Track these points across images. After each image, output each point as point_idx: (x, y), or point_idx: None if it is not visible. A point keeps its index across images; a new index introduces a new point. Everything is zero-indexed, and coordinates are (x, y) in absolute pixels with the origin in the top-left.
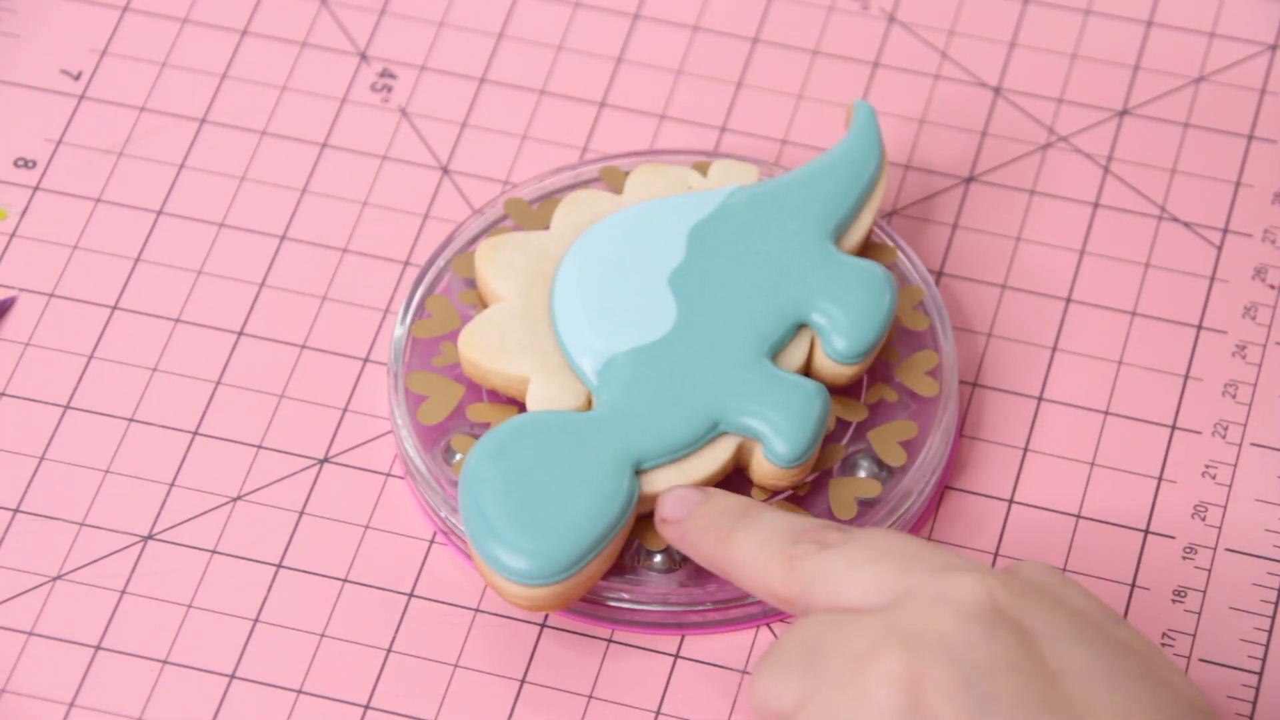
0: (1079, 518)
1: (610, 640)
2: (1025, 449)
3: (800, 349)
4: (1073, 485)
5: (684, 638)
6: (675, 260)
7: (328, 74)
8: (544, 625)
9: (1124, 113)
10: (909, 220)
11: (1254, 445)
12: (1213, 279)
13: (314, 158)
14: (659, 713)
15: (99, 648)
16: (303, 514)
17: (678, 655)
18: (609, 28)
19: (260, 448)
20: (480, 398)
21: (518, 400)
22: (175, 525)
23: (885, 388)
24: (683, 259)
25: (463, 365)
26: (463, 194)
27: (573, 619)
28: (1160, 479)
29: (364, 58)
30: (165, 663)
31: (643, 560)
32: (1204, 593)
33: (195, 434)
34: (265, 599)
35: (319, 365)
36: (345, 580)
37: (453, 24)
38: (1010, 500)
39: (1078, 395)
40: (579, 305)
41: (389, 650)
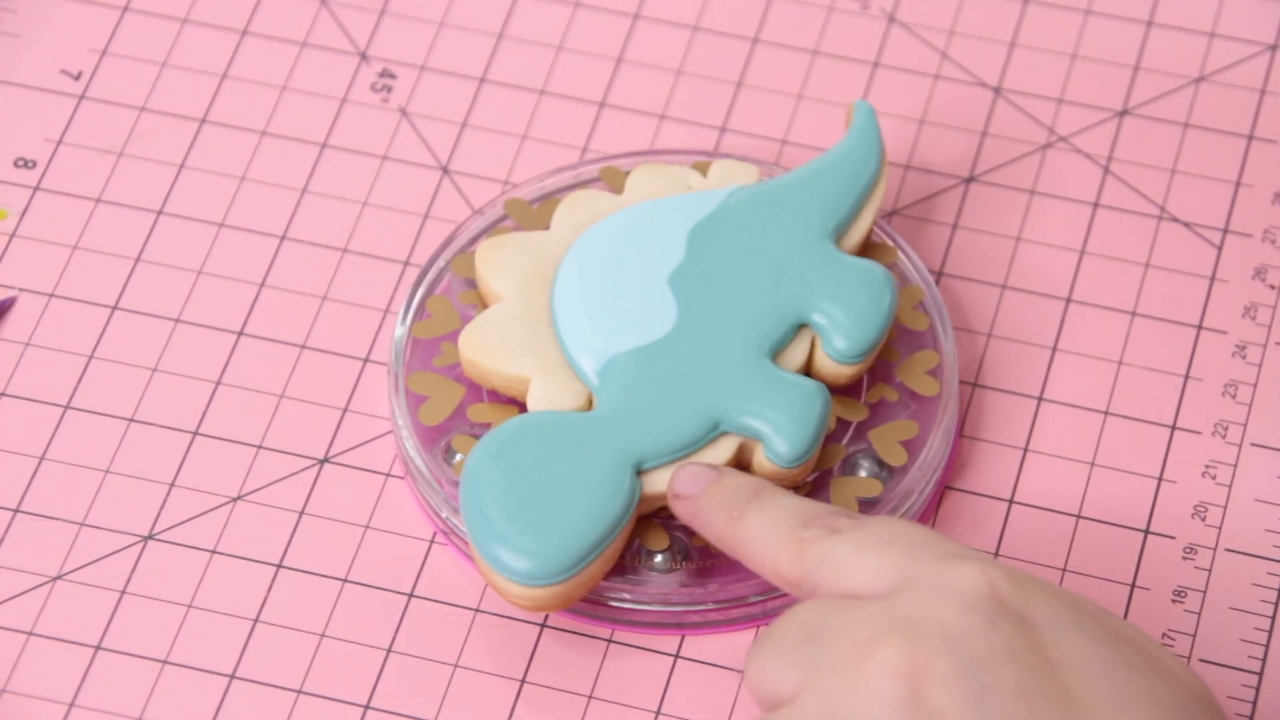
0: (1079, 518)
1: (610, 640)
2: (1025, 449)
3: (801, 349)
4: (1073, 485)
5: (684, 638)
6: (675, 260)
7: (328, 74)
8: (544, 625)
9: (1124, 113)
10: (909, 220)
11: (1254, 445)
12: (1213, 279)
13: (314, 158)
14: (659, 713)
15: (99, 648)
16: (303, 514)
17: (678, 655)
18: (609, 28)
19: (260, 448)
20: (481, 398)
21: (518, 400)
22: (175, 525)
23: (886, 387)
24: (683, 259)
25: (463, 365)
26: (463, 194)
27: (573, 619)
28: (1160, 479)
29: (364, 58)
30: (165, 663)
31: (644, 560)
32: (1204, 593)
33: (195, 434)
34: (265, 599)
35: (319, 365)
36: (345, 580)
37: (453, 24)
38: (1010, 500)
39: (1078, 395)
40: (579, 305)
41: (389, 650)
